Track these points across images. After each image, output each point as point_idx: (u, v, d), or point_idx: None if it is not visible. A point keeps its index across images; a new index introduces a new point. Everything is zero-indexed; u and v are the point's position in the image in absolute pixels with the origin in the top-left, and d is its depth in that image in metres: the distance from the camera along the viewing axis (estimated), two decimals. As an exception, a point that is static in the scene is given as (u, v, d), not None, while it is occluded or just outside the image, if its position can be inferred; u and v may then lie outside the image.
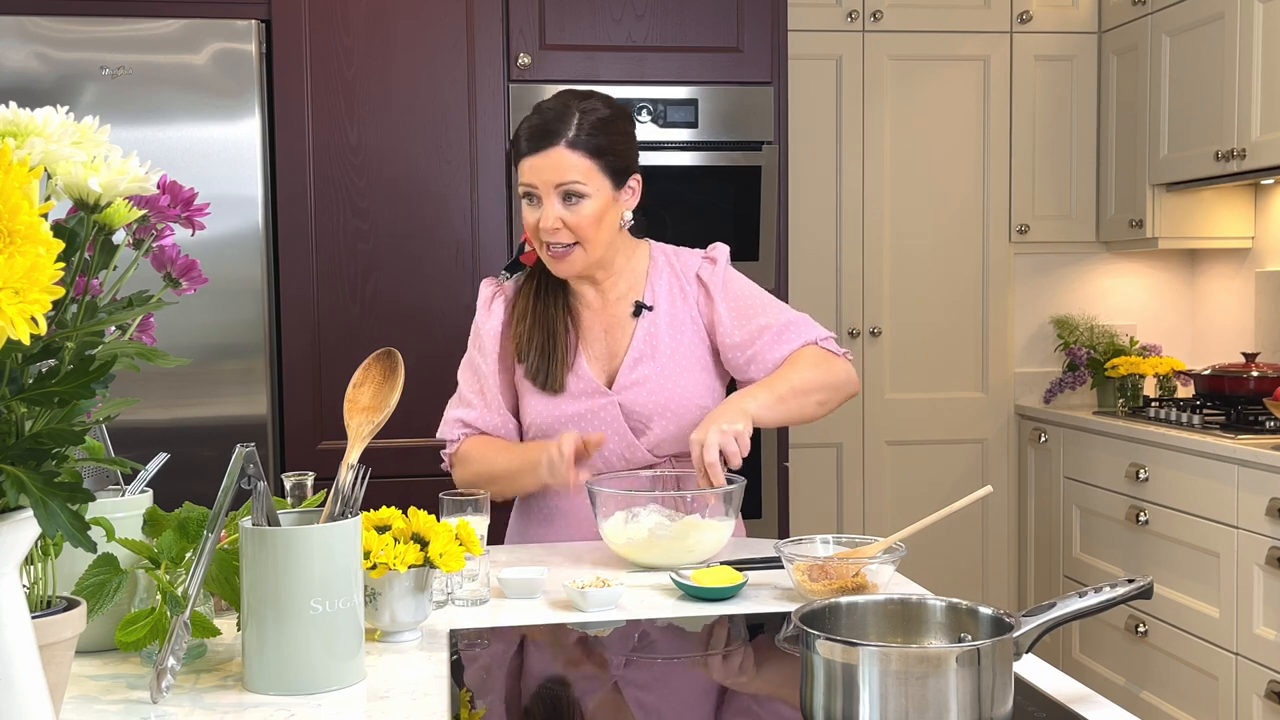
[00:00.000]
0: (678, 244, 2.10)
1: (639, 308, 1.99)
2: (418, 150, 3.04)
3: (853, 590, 1.53)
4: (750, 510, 2.67)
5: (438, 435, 2.03)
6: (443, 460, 2.03)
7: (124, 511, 1.39)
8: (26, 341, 0.76)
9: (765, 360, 1.95)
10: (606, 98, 1.95)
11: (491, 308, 2.02)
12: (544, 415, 1.96)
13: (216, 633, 1.32)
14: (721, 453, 1.76)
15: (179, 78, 2.88)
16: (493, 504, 1.70)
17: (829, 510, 3.92)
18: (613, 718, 1.25)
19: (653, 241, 2.07)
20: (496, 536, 1.97)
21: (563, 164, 1.86)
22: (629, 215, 1.96)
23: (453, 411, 2.03)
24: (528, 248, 2.00)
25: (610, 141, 1.89)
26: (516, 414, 2.02)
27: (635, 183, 1.96)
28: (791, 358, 1.94)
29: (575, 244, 1.89)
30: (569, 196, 1.87)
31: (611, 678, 1.35)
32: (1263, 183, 3.53)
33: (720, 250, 2.04)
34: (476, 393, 2.01)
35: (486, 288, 2.05)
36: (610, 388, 1.96)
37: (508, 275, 2.05)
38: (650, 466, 1.96)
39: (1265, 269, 3.66)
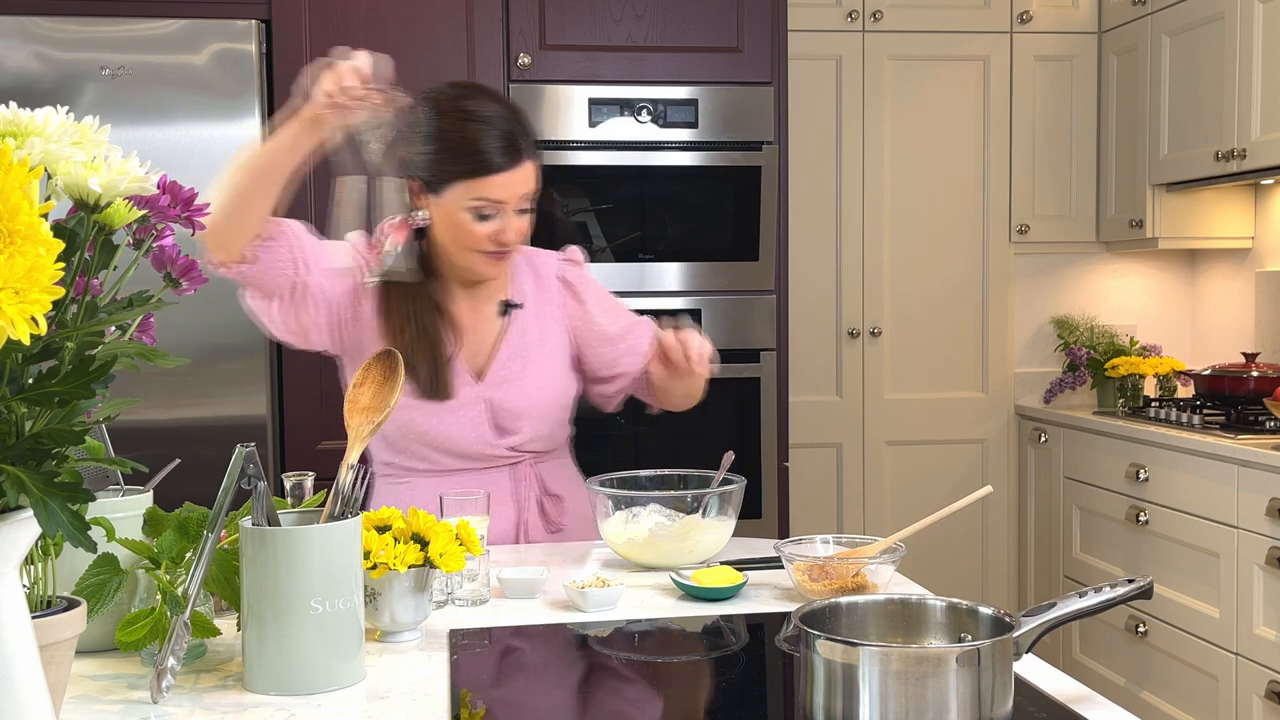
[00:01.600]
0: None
1: (507, 306, 1.97)
2: (418, 150, 3.03)
3: (853, 590, 1.53)
4: (750, 510, 2.67)
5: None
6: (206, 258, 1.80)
7: (124, 511, 1.39)
8: (26, 341, 0.76)
9: (639, 350, 1.97)
10: (506, 96, 1.92)
11: (359, 280, 1.89)
12: (407, 409, 1.87)
13: (216, 633, 1.32)
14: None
15: (179, 78, 2.88)
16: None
17: (829, 510, 3.92)
18: (613, 718, 1.25)
19: None
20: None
21: (529, 177, 1.86)
22: None
23: None
24: (400, 247, 1.85)
25: (536, 143, 1.90)
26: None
27: None
28: None
29: (516, 247, 1.90)
30: (523, 207, 1.87)
31: (611, 678, 1.35)
32: (1263, 183, 3.52)
33: (579, 252, 2.06)
34: (312, 239, 1.87)
35: (361, 240, 1.88)
36: (481, 381, 1.93)
37: (375, 280, 1.90)
38: (514, 464, 1.95)
39: (1265, 269, 3.66)
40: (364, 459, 1.37)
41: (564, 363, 1.99)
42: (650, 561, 1.75)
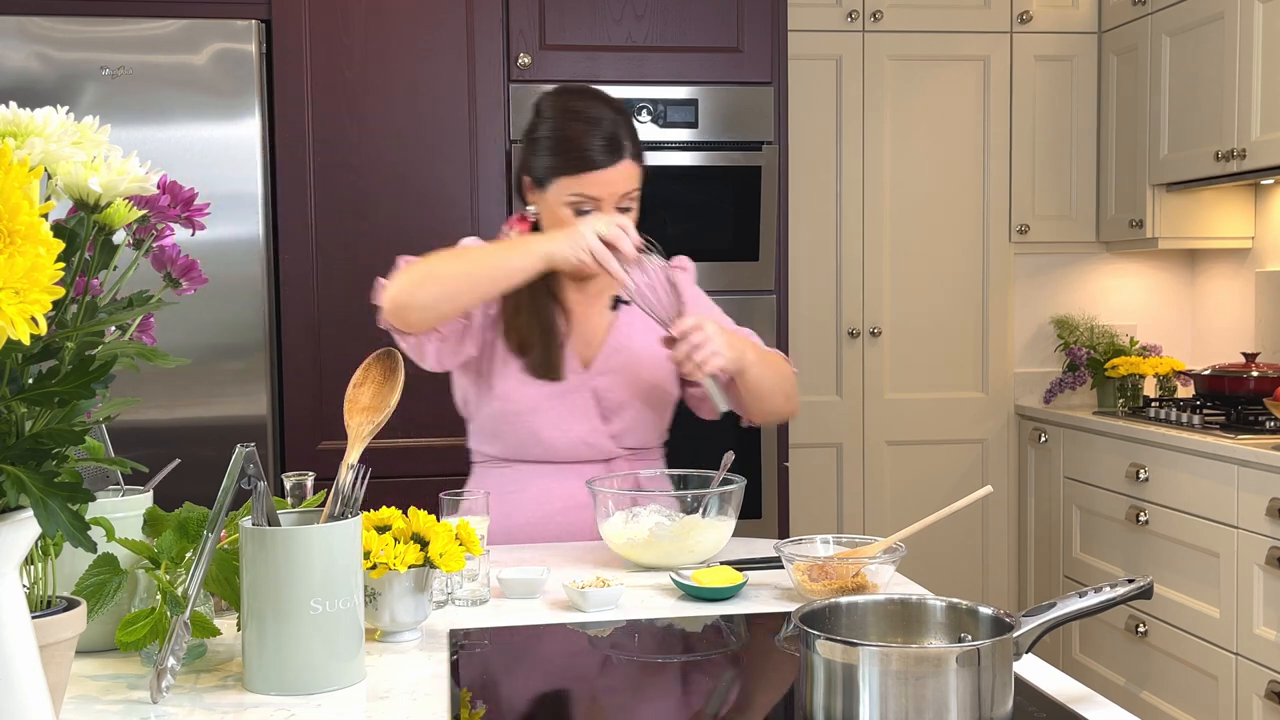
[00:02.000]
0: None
1: (617, 301, 2.04)
2: (418, 150, 3.03)
3: (853, 590, 1.53)
4: (750, 510, 2.67)
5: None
6: (379, 286, 1.88)
7: (124, 511, 1.39)
8: (26, 341, 0.76)
9: None
10: (617, 99, 2.00)
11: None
12: (519, 391, 1.96)
13: (216, 633, 1.32)
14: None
15: (179, 78, 2.88)
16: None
17: (829, 510, 3.92)
18: (613, 718, 1.25)
19: None
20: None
21: (629, 176, 1.91)
22: None
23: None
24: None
25: (642, 149, 1.96)
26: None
27: None
28: (762, 351, 1.97)
29: None
30: (624, 206, 1.92)
31: (611, 678, 1.35)
32: (1263, 183, 3.52)
33: (687, 260, 2.13)
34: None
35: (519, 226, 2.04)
36: (587, 370, 2.00)
37: None
38: (609, 459, 2.00)
39: (1265, 269, 3.66)
40: (364, 459, 1.37)
41: (665, 363, 2.01)
42: (650, 561, 1.75)
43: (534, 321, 1.97)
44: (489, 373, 2.00)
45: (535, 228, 1.99)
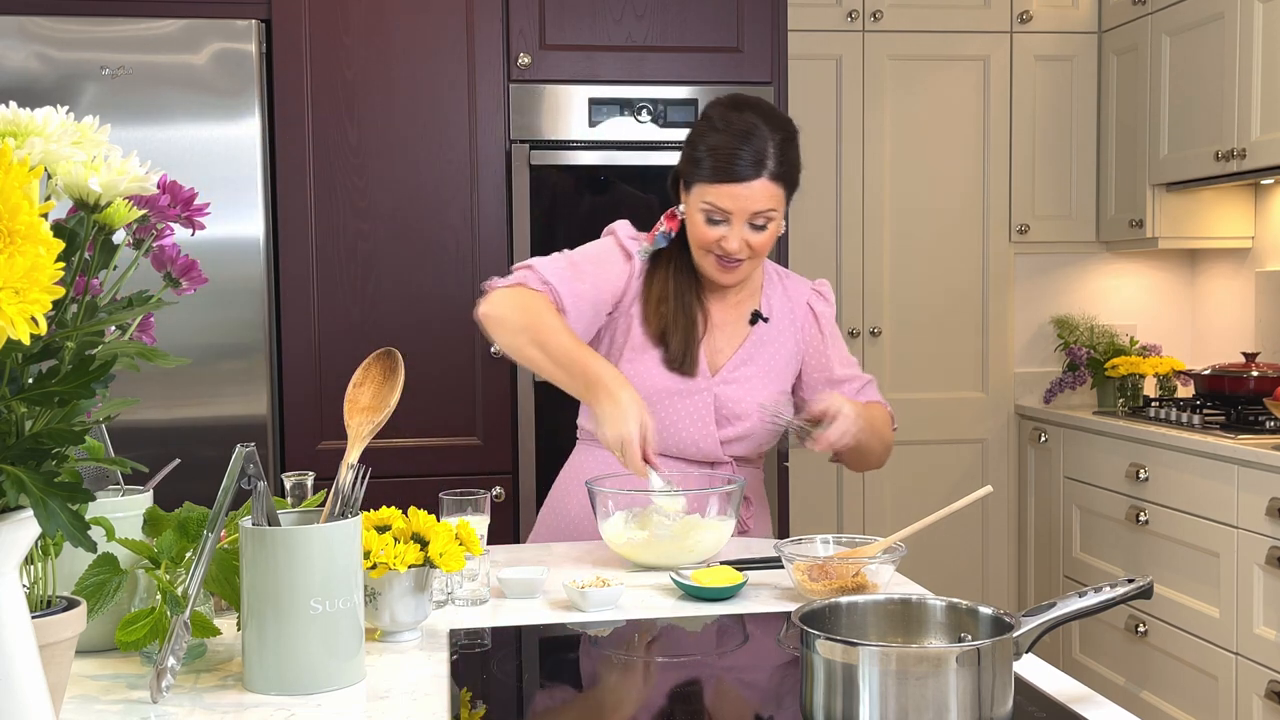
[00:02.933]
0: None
1: (756, 316, 2.07)
2: (418, 150, 3.03)
3: (853, 590, 1.53)
4: (750, 510, 2.66)
5: (520, 265, 2.01)
6: (483, 290, 2.00)
7: (124, 511, 1.39)
8: (26, 341, 0.76)
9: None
10: (783, 116, 1.99)
11: (634, 264, 2.03)
12: (646, 380, 1.98)
13: (216, 633, 1.32)
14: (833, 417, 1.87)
15: (179, 78, 2.88)
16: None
17: (829, 510, 3.92)
18: (612, 718, 1.26)
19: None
20: (496, 536, 1.97)
21: (764, 194, 1.92)
22: (783, 225, 2.03)
23: (556, 263, 2.00)
24: (672, 235, 2.02)
25: (795, 168, 1.97)
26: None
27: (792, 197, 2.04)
28: (870, 406, 2.02)
29: (750, 259, 1.97)
30: (757, 223, 1.93)
31: (612, 678, 1.35)
32: (1263, 183, 3.52)
33: (829, 289, 2.15)
34: (588, 283, 1.99)
35: (627, 228, 2.07)
36: (713, 377, 2.03)
37: (645, 255, 2.06)
38: (714, 464, 2.02)
39: (1265, 269, 3.66)
40: (363, 459, 1.37)
41: (787, 380, 2.09)
42: (650, 561, 1.75)
43: (678, 314, 2.00)
44: (618, 355, 2.02)
45: (682, 225, 2.01)
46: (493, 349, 2.02)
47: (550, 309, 1.93)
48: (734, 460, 2.05)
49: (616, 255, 2.04)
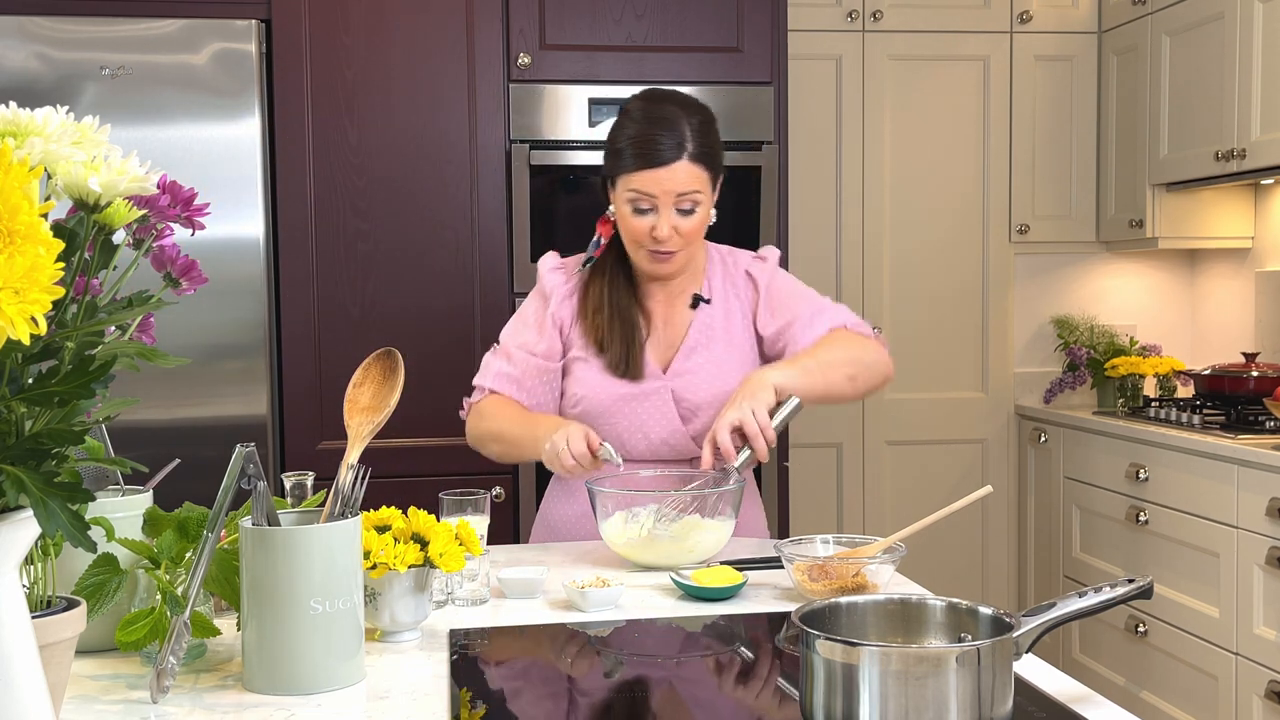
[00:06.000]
0: None
1: (697, 300, 2.06)
2: (418, 150, 3.03)
3: (853, 590, 1.53)
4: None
5: (474, 381, 2.08)
6: (463, 408, 2.09)
7: (124, 511, 1.39)
8: (26, 341, 0.76)
9: (795, 347, 2.01)
10: (700, 104, 2.00)
11: (554, 285, 2.06)
12: (598, 391, 2.00)
13: (216, 633, 1.32)
14: (743, 431, 1.81)
15: (179, 78, 2.88)
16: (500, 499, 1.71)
17: (829, 510, 3.91)
18: (613, 718, 1.26)
19: (707, 241, 2.12)
20: (496, 536, 1.97)
21: (685, 176, 1.91)
22: (714, 214, 2.01)
23: (494, 362, 2.06)
24: (603, 241, 2.04)
25: (716, 149, 1.97)
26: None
27: (719, 182, 2.02)
28: (820, 339, 2.00)
29: (682, 248, 1.96)
30: (684, 207, 1.93)
31: (611, 678, 1.35)
32: (1263, 183, 3.52)
33: (771, 251, 2.13)
34: (521, 359, 2.04)
35: (550, 260, 2.09)
36: (664, 374, 2.02)
37: (583, 268, 2.08)
38: (691, 459, 2.00)
39: (1265, 269, 3.66)
40: (363, 459, 1.37)
41: (748, 357, 2.06)
42: (650, 561, 1.75)
43: (613, 320, 2.01)
44: (569, 372, 2.03)
45: (615, 228, 2.01)
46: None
47: (501, 405, 2.01)
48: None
49: (536, 305, 2.07)
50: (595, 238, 2.06)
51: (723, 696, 1.31)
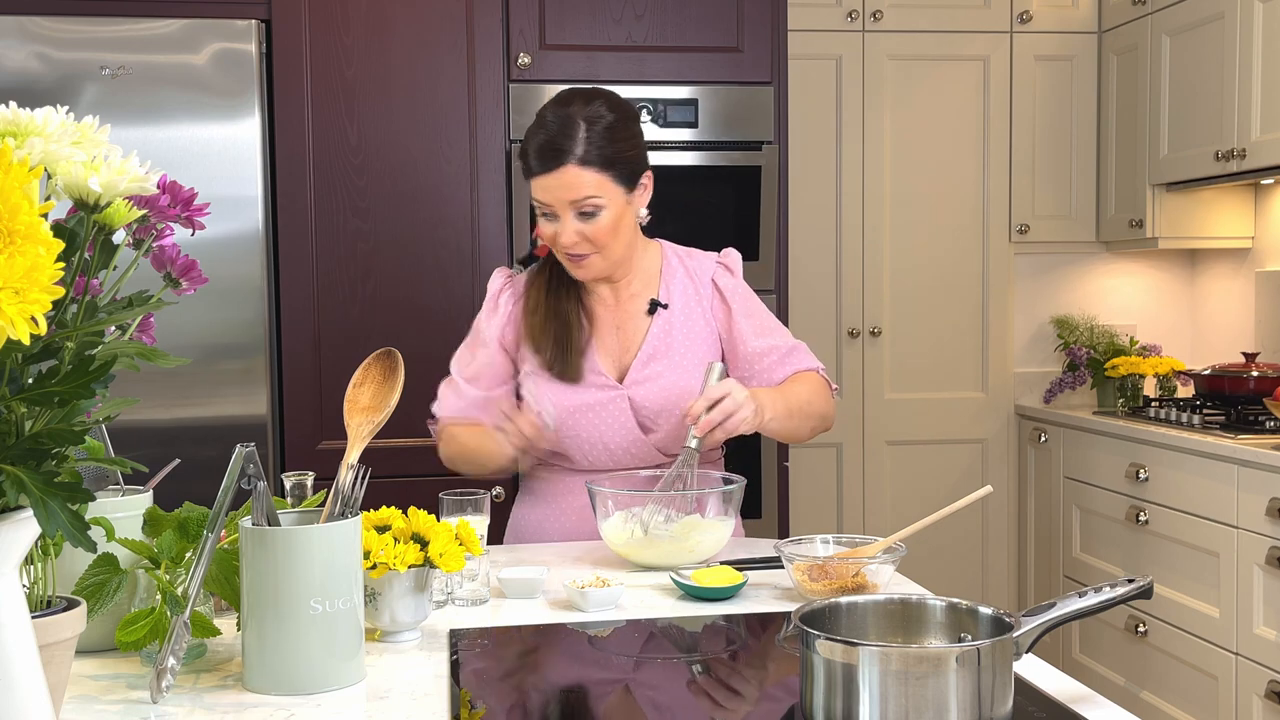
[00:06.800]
0: (677, 243, 2.10)
1: (654, 305, 2.00)
2: (418, 150, 3.03)
3: (853, 590, 1.53)
4: (750, 510, 2.66)
5: (432, 409, 2.07)
6: (430, 422, 2.09)
7: (124, 511, 1.39)
8: (26, 341, 0.76)
9: (767, 377, 1.98)
10: (611, 98, 1.92)
11: (499, 303, 2.04)
12: (555, 405, 1.96)
13: (216, 633, 1.32)
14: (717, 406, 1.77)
15: (179, 78, 2.88)
16: (493, 503, 1.71)
17: (829, 510, 3.91)
18: (613, 718, 1.26)
19: (663, 241, 2.09)
20: (496, 536, 1.97)
21: (576, 182, 1.85)
22: (644, 212, 1.97)
23: (447, 394, 2.05)
24: (540, 241, 2.00)
25: (618, 150, 1.88)
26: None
27: (647, 179, 1.95)
28: (798, 378, 1.97)
29: (594, 252, 1.91)
30: (585, 211, 1.87)
31: (611, 678, 1.35)
32: (1263, 183, 3.52)
33: (735, 259, 2.07)
34: (469, 378, 2.03)
35: (497, 279, 2.07)
36: (621, 382, 1.97)
37: (522, 268, 2.07)
38: (656, 466, 1.96)
39: (1265, 269, 3.66)
40: (363, 459, 1.37)
41: (704, 363, 1.98)
42: (650, 561, 1.75)
43: (549, 322, 1.97)
44: (524, 387, 2.00)
45: None
46: None
47: (459, 427, 2.00)
48: (671, 458, 1.97)
49: (486, 311, 2.05)
50: (532, 237, 2.02)
51: (723, 697, 1.31)
